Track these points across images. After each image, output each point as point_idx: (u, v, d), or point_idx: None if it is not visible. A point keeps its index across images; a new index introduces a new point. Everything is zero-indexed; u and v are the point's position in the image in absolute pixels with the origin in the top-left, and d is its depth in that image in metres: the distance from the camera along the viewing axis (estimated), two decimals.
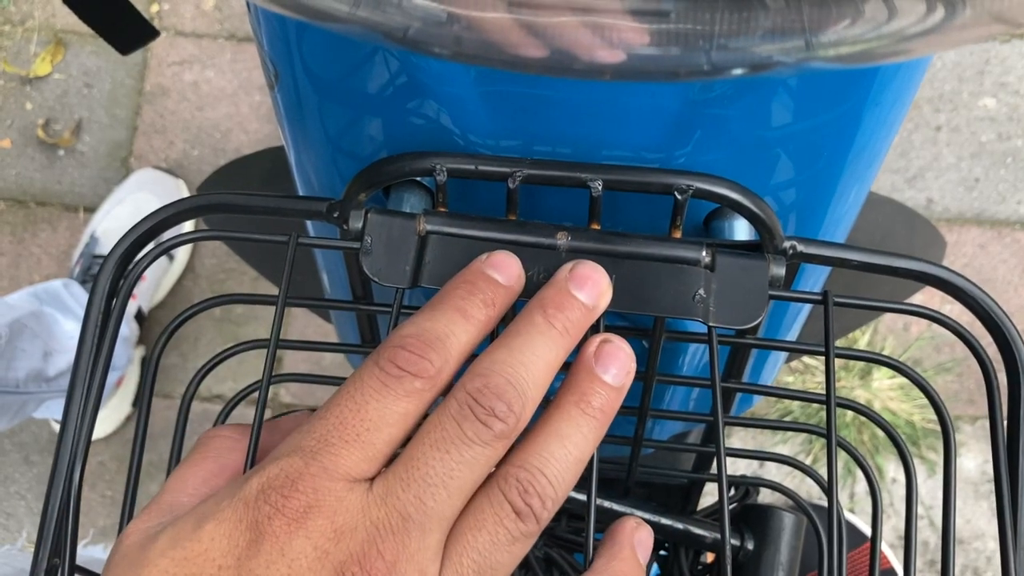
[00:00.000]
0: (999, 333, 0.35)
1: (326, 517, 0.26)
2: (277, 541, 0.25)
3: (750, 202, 0.34)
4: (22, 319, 1.09)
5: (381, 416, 0.27)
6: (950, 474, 0.35)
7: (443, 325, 0.29)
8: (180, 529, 0.26)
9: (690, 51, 0.24)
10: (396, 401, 0.27)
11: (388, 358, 0.28)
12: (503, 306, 0.31)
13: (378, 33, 0.26)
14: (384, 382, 0.27)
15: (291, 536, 0.25)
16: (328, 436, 0.27)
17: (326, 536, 0.25)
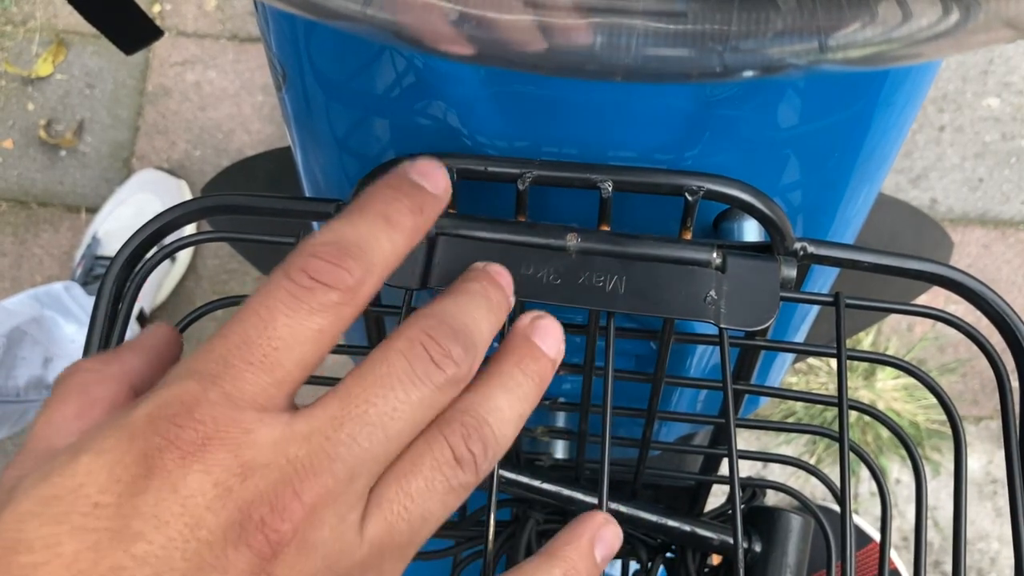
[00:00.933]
0: (1011, 335, 0.34)
1: (229, 450, 0.22)
2: (169, 476, 0.22)
3: (761, 203, 0.34)
4: (22, 326, 1.09)
5: (292, 333, 0.24)
6: (961, 474, 0.35)
7: (364, 231, 0.26)
8: (52, 466, 0.23)
9: (703, 53, 0.24)
10: (309, 316, 0.24)
11: (300, 267, 0.24)
12: (431, 215, 0.28)
13: (388, 32, 0.25)
14: (294, 294, 0.24)
15: (186, 470, 0.22)
16: (229, 357, 0.24)
17: (230, 472, 0.22)
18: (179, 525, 0.22)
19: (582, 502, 0.44)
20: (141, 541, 0.21)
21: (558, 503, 0.44)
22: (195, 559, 0.22)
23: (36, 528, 0.21)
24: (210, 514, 0.22)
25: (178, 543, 0.22)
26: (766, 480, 0.47)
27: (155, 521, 0.22)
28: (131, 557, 0.21)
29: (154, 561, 0.21)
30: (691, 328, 0.41)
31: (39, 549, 0.21)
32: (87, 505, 0.22)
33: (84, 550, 0.21)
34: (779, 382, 0.61)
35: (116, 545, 0.21)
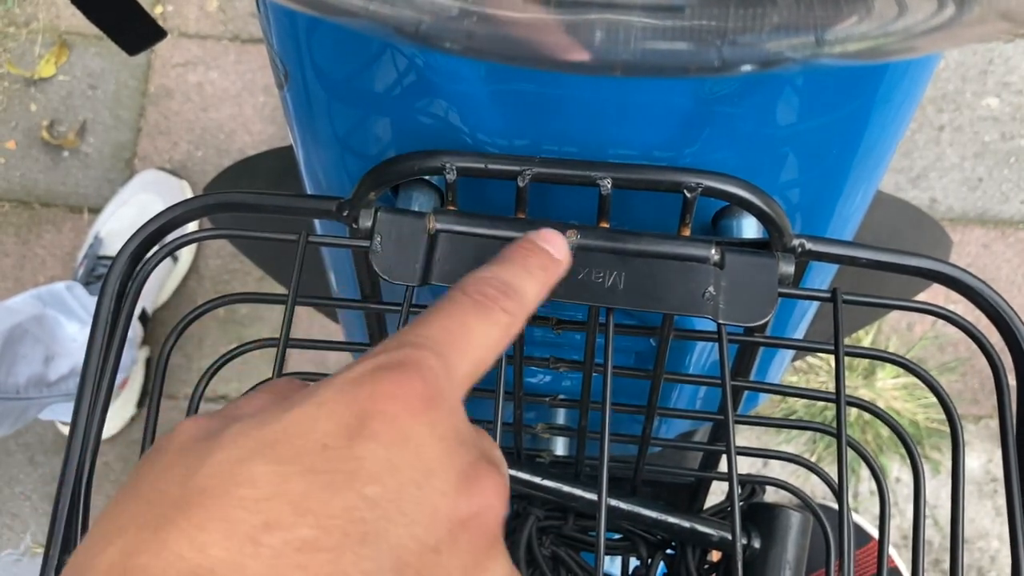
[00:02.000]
0: (1008, 332, 0.35)
1: (451, 413, 0.24)
2: (399, 426, 0.22)
3: (759, 200, 0.34)
4: (23, 323, 1.09)
5: (482, 334, 0.27)
6: (959, 472, 0.35)
7: (513, 277, 0.29)
8: (263, 417, 0.23)
9: (701, 47, 0.24)
10: (493, 324, 0.27)
11: (478, 289, 0.28)
12: (555, 276, 0.31)
13: (390, 28, 0.26)
14: (481, 304, 0.27)
15: (415, 422, 0.23)
16: (438, 339, 0.26)
17: (452, 432, 0.24)
18: (412, 473, 0.22)
19: (582, 498, 0.44)
20: (375, 484, 0.21)
21: (558, 499, 0.45)
22: (427, 507, 0.22)
23: (260, 466, 0.21)
24: (440, 467, 0.23)
25: (411, 490, 0.22)
26: (766, 477, 0.47)
27: (388, 465, 0.22)
28: (363, 498, 0.21)
29: (386, 505, 0.21)
30: (690, 324, 0.42)
31: (263, 485, 0.21)
32: (316, 446, 0.22)
33: (315, 489, 0.21)
34: (779, 379, 0.61)
35: (349, 486, 0.21)
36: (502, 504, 0.24)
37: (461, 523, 0.23)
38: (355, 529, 0.20)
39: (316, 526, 0.20)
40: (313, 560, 0.20)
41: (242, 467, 0.21)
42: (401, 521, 0.21)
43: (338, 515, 0.20)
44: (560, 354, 0.43)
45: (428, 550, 0.22)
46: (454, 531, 0.22)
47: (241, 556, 0.19)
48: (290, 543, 0.20)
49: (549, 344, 0.50)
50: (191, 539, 0.19)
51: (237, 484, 0.21)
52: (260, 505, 0.20)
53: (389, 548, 0.21)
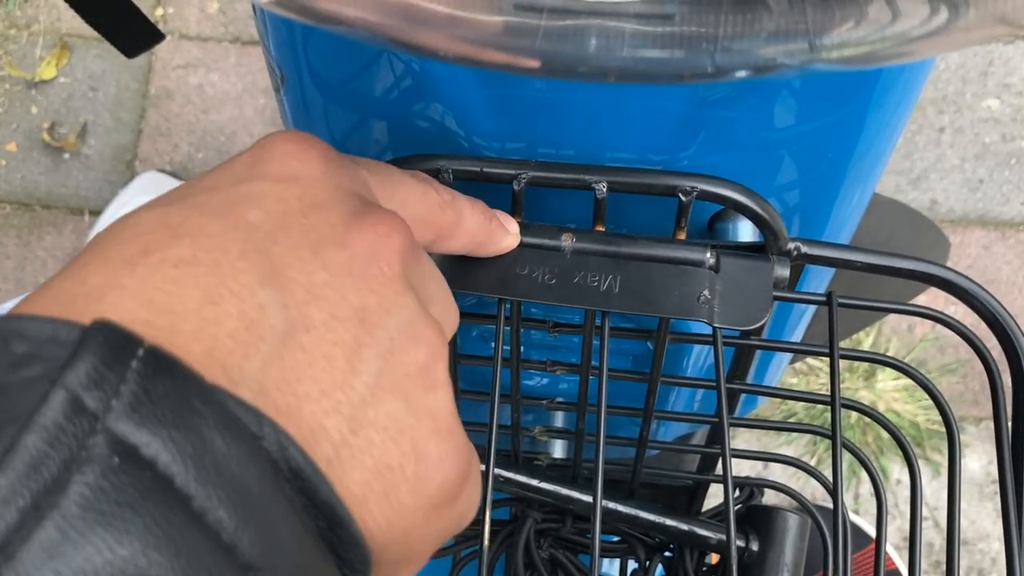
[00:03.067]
0: (1003, 334, 0.35)
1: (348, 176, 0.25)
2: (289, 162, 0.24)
3: (754, 204, 0.34)
4: None
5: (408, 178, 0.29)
6: (955, 475, 0.35)
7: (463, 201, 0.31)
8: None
9: (694, 53, 0.24)
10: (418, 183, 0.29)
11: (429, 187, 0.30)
12: (498, 236, 0.34)
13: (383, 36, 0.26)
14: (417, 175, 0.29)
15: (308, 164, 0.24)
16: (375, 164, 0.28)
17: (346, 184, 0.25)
18: (299, 204, 0.23)
19: (579, 501, 0.44)
20: (257, 209, 0.22)
21: (556, 502, 0.45)
22: (312, 233, 0.22)
23: (147, 211, 0.21)
24: (330, 203, 0.23)
25: (296, 217, 0.22)
26: (763, 480, 0.47)
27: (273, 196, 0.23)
28: (244, 221, 0.21)
29: (269, 227, 0.22)
30: (687, 328, 0.42)
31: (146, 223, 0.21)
32: (203, 189, 0.22)
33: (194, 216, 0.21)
34: (776, 382, 0.61)
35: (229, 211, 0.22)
36: (397, 235, 0.24)
37: (352, 251, 0.22)
38: (234, 247, 0.20)
39: (192, 245, 0.20)
40: (188, 273, 0.20)
41: (130, 218, 0.21)
42: (285, 243, 0.21)
43: (216, 234, 0.21)
44: (557, 357, 0.43)
45: (316, 269, 0.21)
46: (344, 258, 0.22)
47: (117, 277, 0.19)
48: (166, 260, 0.20)
49: (546, 347, 0.50)
50: (73, 275, 0.19)
51: (123, 227, 0.21)
52: (140, 237, 0.20)
53: (272, 265, 0.21)
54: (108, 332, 0.17)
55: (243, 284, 0.20)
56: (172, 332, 0.19)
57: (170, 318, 0.19)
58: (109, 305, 0.19)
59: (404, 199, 0.28)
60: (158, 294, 0.19)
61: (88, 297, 0.19)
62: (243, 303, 0.20)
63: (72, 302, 0.19)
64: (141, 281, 0.19)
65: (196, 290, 0.19)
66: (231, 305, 0.20)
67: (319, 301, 0.21)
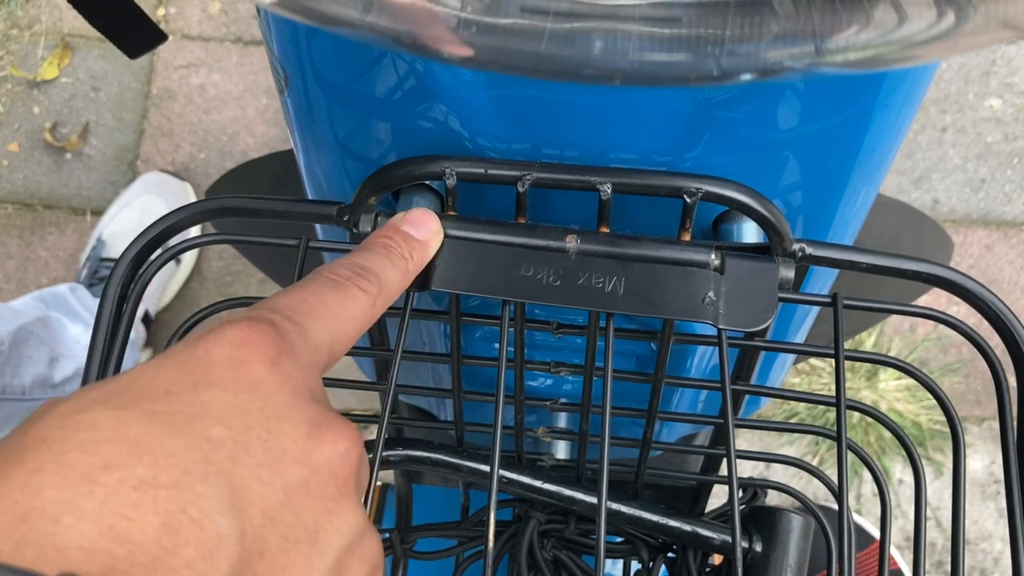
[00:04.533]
0: (1008, 335, 0.35)
1: (303, 371, 0.25)
2: (248, 372, 0.23)
3: (759, 205, 0.34)
4: (28, 325, 1.09)
5: (339, 305, 0.28)
6: (959, 475, 0.35)
7: (369, 262, 0.30)
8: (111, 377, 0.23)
9: (700, 57, 0.24)
10: (348, 299, 0.28)
11: (330, 270, 0.29)
12: (420, 258, 0.33)
13: (388, 39, 0.26)
14: (337, 283, 0.28)
15: (268, 370, 0.23)
16: (294, 308, 0.26)
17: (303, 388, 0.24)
18: (260, 416, 0.22)
19: (583, 501, 0.44)
20: (219, 425, 0.21)
21: (559, 503, 0.45)
22: (275, 449, 0.22)
23: (101, 412, 0.21)
24: (290, 414, 0.23)
25: (259, 432, 0.22)
26: (767, 480, 0.47)
27: (235, 409, 0.22)
28: (206, 439, 0.21)
29: (231, 446, 0.21)
30: (691, 329, 0.42)
31: (103, 429, 0.20)
32: (159, 392, 0.22)
33: (154, 430, 0.20)
34: (780, 382, 0.61)
35: (190, 427, 0.21)
36: (355, 451, 0.24)
37: (312, 468, 0.22)
38: (196, 469, 0.20)
39: (153, 465, 0.20)
40: (149, 498, 0.19)
41: (82, 415, 0.21)
42: (247, 462, 0.21)
43: (177, 454, 0.20)
44: (561, 358, 0.43)
45: (275, 491, 0.21)
46: (303, 475, 0.22)
47: (75, 495, 0.19)
48: (126, 481, 0.19)
49: (550, 348, 0.50)
50: (24, 483, 0.19)
51: (76, 430, 0.20)
52: (98, 447, 0.20)
53: (232, 488, 0.20)
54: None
55: (203, 511, 0.20)
56: (130, 563, 0.18)
57: (128, 547, 0.18)
58: (66, 530, 0.18)
59: (335, 330, 0.27)
60: (118, 520, 0.19)
61: (44, 516, 0.18)
62: (202, 532, 0.19)
63: (26, 520, 0.18)
64: (100, 504, 0.19)
65: (156, 517, 0.19)
66: (190, 534, 0.19)
67: (276, 525, 0.21)
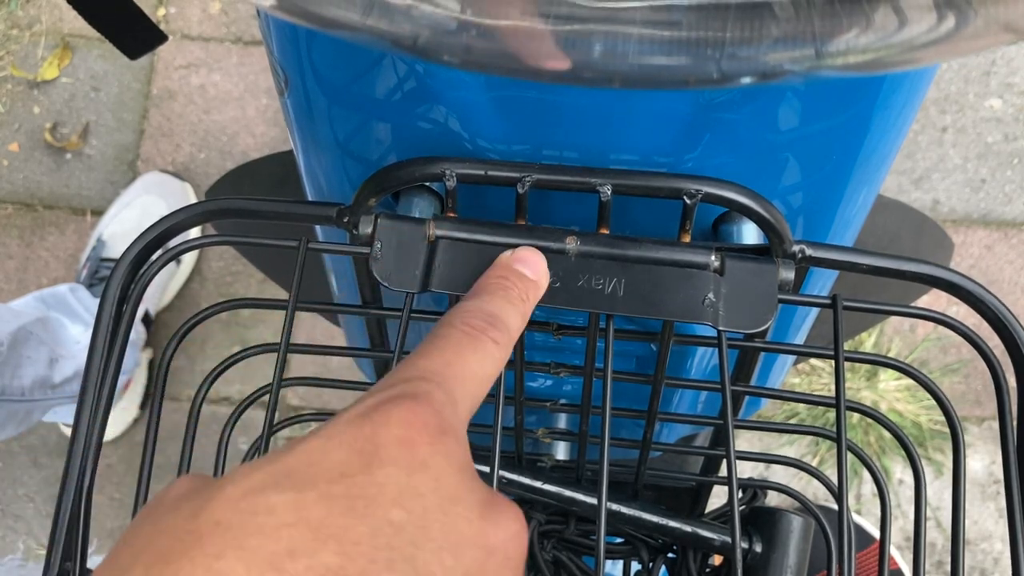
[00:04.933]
0: (1008, 335, 0.35)
1: (461, 444, 0.24)
2: (416, 454, 0.22)
3: (759, 206, 0.34)
4: (27, 326, 1.09)
5: (479, 366, 0.27)
6: (959, 476, 0.35)
7: (496, 308, 0.30)
8: (269, 457, 0.22)
9: (700, 60, 0.24)
10: (488, 354, 0.27)
11: (463, 321, 0.28)
12: (535, 299, 0.32)
13: (388, 42, 0.26)
14: (472, 336, 0.28)
15: (433, 451, 0.23)
16: (441, 373, 0.26)
17: (465, 462, 0.24)
18: (436, 498, 0.22)
19: (583, 502, 0.44)
20: (398, 508, 0.21)
21: (560, 504, 0.45)
22: (454, 533, 0.22)
23: (276, 495, 0.20)
24: (462, 494, 0.22)
25: (436, 515, 0.22)
26: (767, 481, 0.47)
27: (410, 491, 0.21)
28: (388, 523, 0.21)
29: (412, 530, 0.21)
30: (691, 330, 0.42)
31: (281, 512, 0.20)
32: (333, 474, 0.21)
33: (336, 515, 0.20)
34: (780, 383, 0.61)
35: (372, 511, 0.21)
36: (525, 535, 0.24)
37: (488, 551, 0.22)
38: (381, 555, 0.20)
39: (340, 552, 0.19)
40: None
41: (257, 497, 0.20)
42: (429, 547, 0.21)
43: (362, 540, 0.20)
44: (561, 359, 0.43)
45: (455, 575, 0.21)
46: (481, 559, 0.22)
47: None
48: (314, 569, 0.19)
49: (550, 349, 0.50)
50: (208, 568, 0.18)
51: (253, 513, 0.20)
52: (280, 532, 0.19)
53: (416, 573, 0.20)
54: None
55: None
56: None
57: None
58: None
59: (476, 395, 0.27)
60: None
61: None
62: None
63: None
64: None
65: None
66: None
67: None
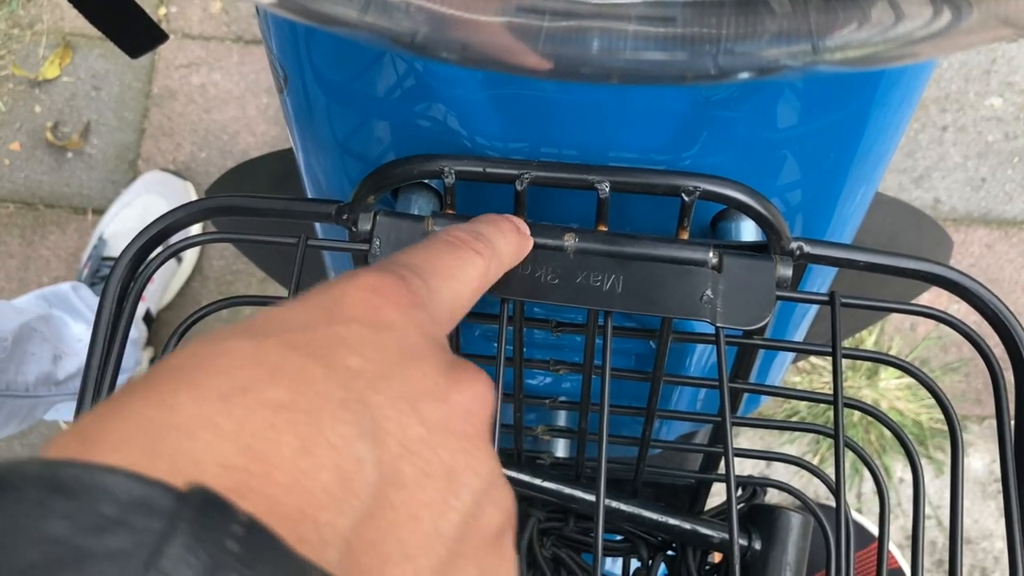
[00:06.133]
0: (1006, 333, 0.35)
1: (433, 322, 0.25)
2: (382, 312, 0.23)
3: (757, 203, 0.34)
4: (31, 323, 1.10)
5: (459, 266, 0.28)
6: (957, 474, 0.35)
7: (484, 229, 0.31)
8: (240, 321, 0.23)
9: (696, 55, 0.24)
10: (467, 264, 0.28)
11: (448, 233, 0.29)
12: (524, 244, 0.33)
13: (386, 38, 0.26)
14: (454, 244, 0.29)
15: (399, 314, 0.23)
16: (420, 266, 0.26)
17: (436, 335, 0.24)
18: (398, 353, 0.22)
19: (582, 500, 0.45)
20: (357, 356, 0.21)
21: (559, 501, 0.45)
22: (413, 383, 0.22)
23: (237, 340, 0.20)
24: (427, 354, 0.23)
25: (396, 367, 0.22)
26: (766, 479, 0.47)
27: (373, 343, 0.22)
28: (345, 368, 0.21)
29: (369, 375, 0.21)
30: (689, 327, 0.42)
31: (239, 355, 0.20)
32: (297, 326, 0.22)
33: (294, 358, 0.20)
34: (779, 381, 0.61)
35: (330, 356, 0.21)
36: (491, 394, 0.23)
37: (450, 406, 0.22)
38: (335, 395, 0.20)
39: (292, 389, 0.19)
40: (287, 420, 0.19)
41: (216, 344, 0.20)
42: (386, 392, 0.21)
43: (317, 380, 0.20)
44: (560, 356, 0.43)
45: (413, 424, 0.21)
46: (442, 412, 0.22)
47: (212, 414, 0.18)
48: (264, 403, 0.19)
49: (549, 346, 0.50)
50: (160, 403, 0.18)
51: (212, 356, 0.20)
52: (234, 371, 0.19)
53: (370, 416, 0.20)
54: (205, 504, 0.16)
55: (341, 435, 0.19)
56: (266, 482, 0.18)
57: (265, 467, 0.18)
58: (204, 445, 0.18)
59: (455, 291, 0.27)
60: (255, 440, 0.18)
61: (179, 431, 0.18)
62: (340, 456, 0.19)
63: (162, 437, 0.18)
64: (238, 423, 0.18)
65: (294, 438, 0.19)
66: (327, 457, 0.19)
67: (412, 457, 0.21)
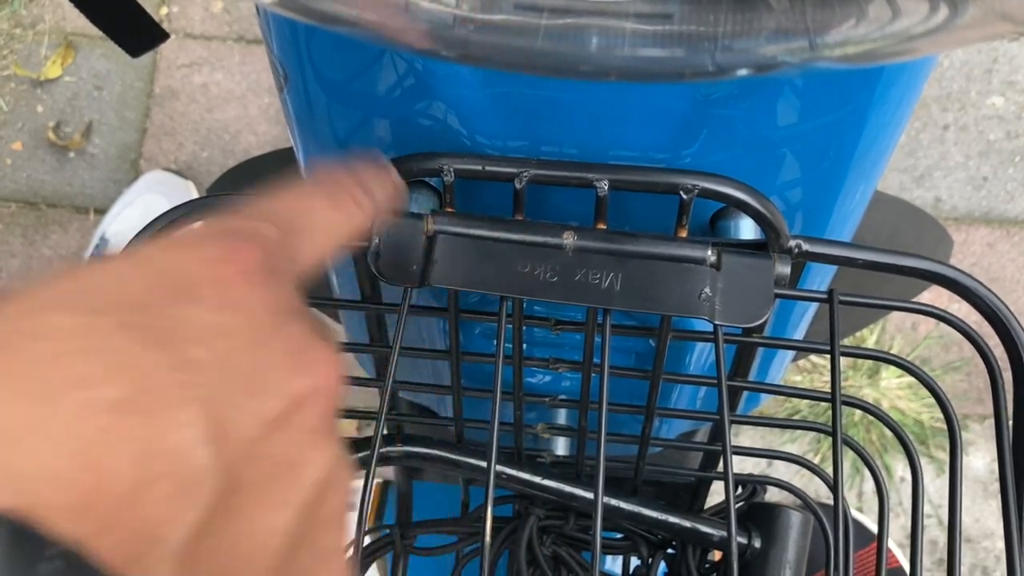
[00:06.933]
0: (1005, 332, 0.35)
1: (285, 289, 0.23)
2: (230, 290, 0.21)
3: (755, 201, 0.34)
4: None
5: (327, 221, 0.27)
6: (956, 473, 0.36)
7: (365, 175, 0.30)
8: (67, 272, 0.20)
9: (695, 52, 0.24)
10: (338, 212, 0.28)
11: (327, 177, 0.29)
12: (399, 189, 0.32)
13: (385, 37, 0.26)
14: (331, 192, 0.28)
15: (248, 290, 0.22)
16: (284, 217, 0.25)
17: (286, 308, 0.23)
18: (243, 341, 0.20)
19: (582, 498, 0.45)
20: (200, 346, 0.19)
21: (559, 499, 0.45)
22: (257, 379, 0.20)
23: (66, 316, 0.18)
24: (273, 339, 0.21)
25: (240, 358, 0.20)
26: (766, 477, 0.47)
27: (217, 329, 0.20)
28: (187, 361, 0.19)
29: (211, 371, 0.19)
30: (688, 325, 0.42)
31: (69, 337, 0.17)
32: (135, 301, 0.19)
33: (133, 346, 0.18)
34: (780, 379, 0.61)
35: (171, 345, 0.19)
36: (336, 386, 0.22)
37: (292, 401, 0.21)
38: (174, 393, 0.18)
39: (130, 386, 0.17)
40: (122, 423, 0.17)
41: (40, 317, 0.18)
42: (227, 390, 0.19)
43: (156, 375, 0.18)
44: (560, 354, 0.43)
45: (254, 424, 0.20)
46: (283, 408, 0.21)
47: (36, 416, 0.16)
48: (99, 402, 0.17)
49: (549, 344, 0.50)
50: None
51: (35, 337, 0.17)
52: (63, 360, 0.17)
53: (210, 418, 0.19)
54: (14, 534, 0.15)
55: (183, 440, 0.18)
56: (99, 494, 0.16)
57: (99, 479, 0.16)
58: (25, 454, 0.16)
59: (322, 247, 0.27)
60: (87, 445, 0.16)
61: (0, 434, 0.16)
62: (182, 463, 0.18)
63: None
64: (67, 426, 0.16)
65: (131, 444, 0.17)
66: (168, 465, 0.17)
67: (252, 458, 0.20)
